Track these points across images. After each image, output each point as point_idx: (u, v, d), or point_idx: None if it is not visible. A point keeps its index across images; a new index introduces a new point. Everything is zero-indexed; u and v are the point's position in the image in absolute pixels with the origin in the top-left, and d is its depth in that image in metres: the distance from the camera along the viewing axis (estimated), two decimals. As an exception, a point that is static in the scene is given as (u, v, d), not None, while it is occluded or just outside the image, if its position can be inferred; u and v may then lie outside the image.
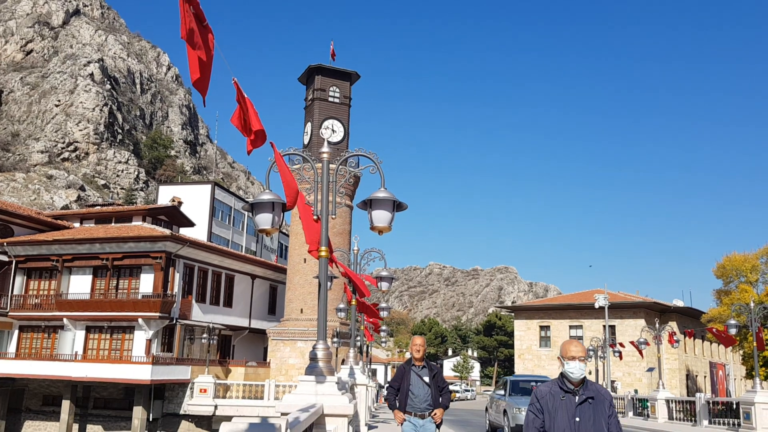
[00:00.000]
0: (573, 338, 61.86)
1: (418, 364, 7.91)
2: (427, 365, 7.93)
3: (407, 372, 7.90)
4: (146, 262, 36.80)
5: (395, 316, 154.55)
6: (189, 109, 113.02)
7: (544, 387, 4.96)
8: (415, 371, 7.86)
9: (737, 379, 62.53)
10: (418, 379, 7.80)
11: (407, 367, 7.96)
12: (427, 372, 7.86)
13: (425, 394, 7.76)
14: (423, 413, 7.73)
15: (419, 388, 7.78)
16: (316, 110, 44.58)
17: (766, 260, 35.84)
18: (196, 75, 4.11)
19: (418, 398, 7.75)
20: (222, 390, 35.65)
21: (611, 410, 4.79)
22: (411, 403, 7.75)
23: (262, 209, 7.48)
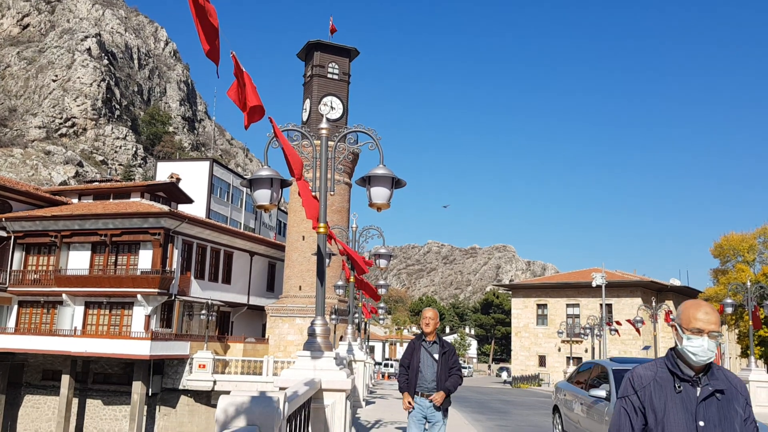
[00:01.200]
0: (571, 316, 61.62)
1: (429, 339, 7.48)
2: (438, 341, 7.47)
3: (417, 348, 7.48)
4: (145, 238, 36.83)
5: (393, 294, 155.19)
6: (187, 85, 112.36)
7: (644, 371, 3.27)
8: (425, 347, 7.43)
9: (732, 358, 63.02)
10: (427, 356, 7.37)
11: (417, 343, 7.54)
12: (438, 348, 7.41)
13: (433, 373, 7.33)
14: (430, 393, 7.32)
15: (428, 365, 7.35)
16: (314, 87, 44.32)
17: (763, 240, 35.97)
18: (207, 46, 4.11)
19: (427, 376, 7.35)
20: (221, 366, 35.90)
21: (748, 411, 3.15)
22: (419, 382, 7.37)
23: (261, 185, 7.47)
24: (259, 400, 3.88)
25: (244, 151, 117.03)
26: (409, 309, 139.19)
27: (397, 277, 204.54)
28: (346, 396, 7.83)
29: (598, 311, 49.11)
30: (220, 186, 58.26)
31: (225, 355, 38.58)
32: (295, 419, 5.75)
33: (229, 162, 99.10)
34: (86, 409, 35.52)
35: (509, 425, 17.11)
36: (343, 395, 7.64)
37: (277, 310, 42.50)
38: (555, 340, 56.08)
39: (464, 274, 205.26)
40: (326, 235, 8.13)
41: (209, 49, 4.12)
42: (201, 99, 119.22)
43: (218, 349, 38.82)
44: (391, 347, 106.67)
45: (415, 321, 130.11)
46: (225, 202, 59.04)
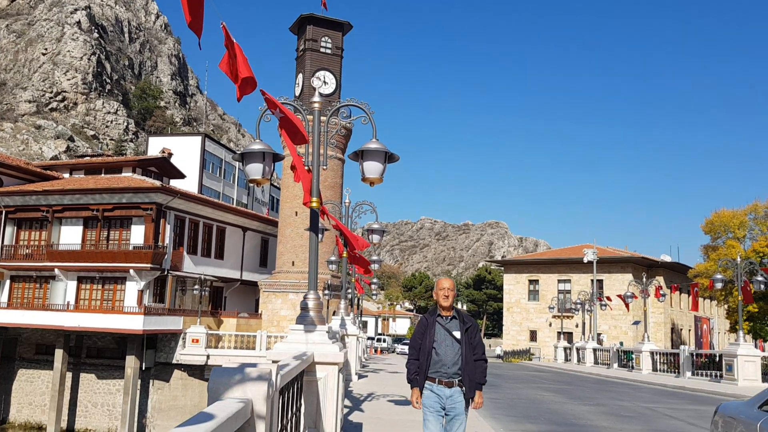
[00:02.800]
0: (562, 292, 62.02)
1: (446, 314, 6.03)
2: (457, 315, 6.03)
3: (431, 325, 6.00)
4: (137, 213, 36.72)
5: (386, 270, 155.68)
6: (178, 59, 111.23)
7: None
8: (442, 324, 5.98)
9: (721, 333, 63.76)
10: (445, 335, 5.94)
11: (430, 319, 6.05)
12: (458, 325, 5.95)
13: (454, 355, 5.85)
14: (451, 380, 5.84)
15: (446, 346, 5.90)
16: (307, 61, 43.95)
17: (754, 216, 36.15)
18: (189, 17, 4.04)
19: (445, 360, 5.87)
20: (214, 340, 36.06)
21: None
22: (435, 367, 5.89)
23: (253, 159, 7.45)
24: (251, 372, 3.89)
25: (236, 126, 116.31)
26: (402, 285, 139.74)
27: (390, 253, 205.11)
28: (339, 369, 7.88)
29: (589, 287, 49.43)
30: (212, 161, 57.99)
31: (218, 329, 38.73)
32: (288, 391, 5.79)
33: (221, 137, 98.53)
34: (80, 383, 35.68)
35: (500, 398, 17.31)
36: (335, 368, 7.69)
37: (270, 286, 42.60)
38: (546, 316, 56.52)
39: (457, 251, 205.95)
40: (319, 209, 8.12)
41: (191, 21, 4.06)
42: (192, 73, 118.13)
43: (211, 324, 38.96)
44: (383, 322, 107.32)
45: (408, 296, 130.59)
46: (217, 177, 58.82)
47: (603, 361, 37.64)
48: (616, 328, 53.18)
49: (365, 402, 13.56)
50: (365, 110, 8.51)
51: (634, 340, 48.52)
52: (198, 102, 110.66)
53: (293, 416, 6.27)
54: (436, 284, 6.20)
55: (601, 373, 32.54)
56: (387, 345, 71.53)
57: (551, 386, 22.98)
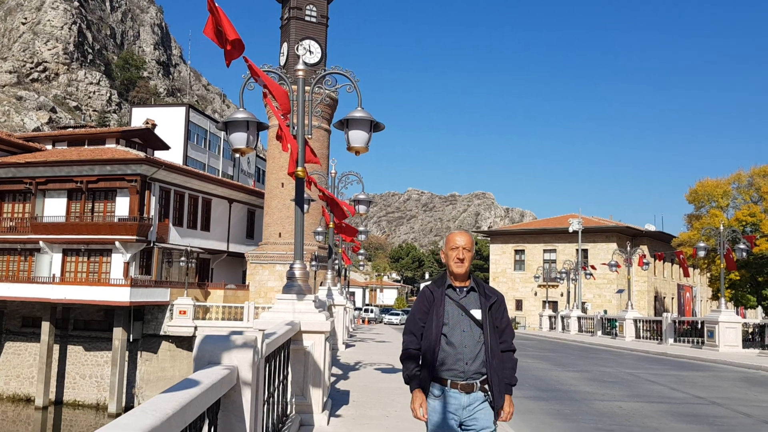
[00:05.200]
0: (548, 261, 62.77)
1: (460, 285, 4.05)
2: (476, 287, 4.07)
3: (438, 300, 4.00)
4: (121, 185, 36.44)
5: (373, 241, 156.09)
6: (161, 29, 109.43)
7: None
8: (454, 298, 4.00)
9: (703, 301, 64.71)
10: (460, 315, 3.96)
11: (438, 292, 4.04)
12: (477, 299, 4.01)
13: (475, 344, 3.93)
14: (470, 381, 3.91)
15: (463, 331, 3.93)
16: (292, 30, 43.39)
17: (737, 186, 36.43)
18: None
19: (462, 352, 3.91)
20: (201, 312, 36.12)
21: None
22: (447, 363, 3.92)
23: (237, 128, 7.39)
24: (236, 339, 3.91)
25: (221, 96, 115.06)
26: (389, 256, 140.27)
27: (377, 225, 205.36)
28: (326, 338, 7.93)
29: (574, 256, 49.87)
30: (197, 132, 57.44)
31: (205, 301, 38.77)
32: (275, 359, 5.83)
33: (205, 108, 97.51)
34: (67, 355, 35.70)
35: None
36: (322, 337, 7.74)
37: (257, 257, 42.60)
38: (532, 285, 57.02)
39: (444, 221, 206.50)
40: (304, 178, 8.09)
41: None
42: (176, 43, 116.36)
43: (198, 295, 38.99)
44: (371, 293, 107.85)
45: (395, 267, 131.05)
46: (202, 148, 58.33)
47: (587, 329, 38.15)
48: (601, 297, 53.81)
49: (352, 370, 13.69)
50: (350, 78, 8.44)
51: (618, 308, 49.14)
52: (182, 72, 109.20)
53: (280, 384, 6.33)
54: (446, 241, 4.17)
55: (586, 340, 32.99)
56: (374, 315, 72.05)
57: (536, 354, 23.29)
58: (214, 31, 5.33)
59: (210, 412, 3.24)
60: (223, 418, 3.64)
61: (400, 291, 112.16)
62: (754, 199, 35.19)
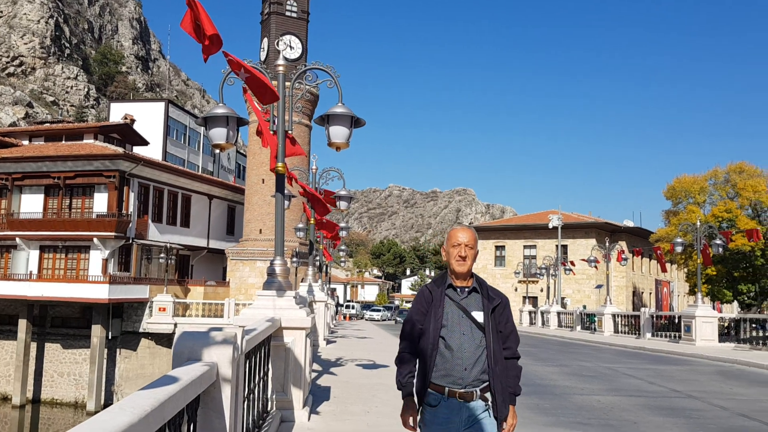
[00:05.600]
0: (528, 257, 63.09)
1: (461, 285, 3.74)
2: (478, 288, 3.76)
3: (438, 301, 3.69)
4: (99, 181, 36.07)
5: (354, 238, 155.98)
6: (140, 23, 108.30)
7: None
8: (455, 299, 3.69)
9: (680, 296, 65.50)
10: (460, 317, 3.65)
11: (437, 291, 3.74)
12: (479, 301, 3.71)
13: (475, 349, 3.59)
14: (470, 390, 3.56)
15: (462, 334, 3.61)
16: (272, 25, 43.16)
17: (714, 182, 36.90)
18: None
19: (461, 357, 3.58)
20: (181, 309, 35.88)
21: None
22: (445, 368, 3.58)
23: (216, 123, 7.34)
24: (216, 336, 3.89)
25: (200, 92, 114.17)
26: (370, 252, 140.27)
27: (358, 221, 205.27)
28: (306, 334, 7.93)
29: (554, 252, 50.21)
30: (176, 128, 56.95)
31: (185, 298, 38.52)
32: (255, 356, 5.81)
33: (185, 103, 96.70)
34: (45, 352, 35.28)
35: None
36: (303, 333, 7.73)
37: (237, 254, 42.39)
38: (512, 281, 57.34)
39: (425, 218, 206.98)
40: (285, 174, 8.06)
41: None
42: (155, 37, 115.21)
43: (178, 292, 38.72)
44: (352, 289, 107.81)
45: (376, 264, 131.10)
46: (182, 144, 57.85)
47: (567, 324, 38.46)
48: (580, 292, 54.25)
49: (333, 367, 13.69)
50: (330, 74, 8.42)
51: (597, 304, 49.59)
52: (161, 67, 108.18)
53: (260, 380, 6.31)
54: (447, 237, 3.90)
55: (565, 335, 33.27)
56: (356, 311, 72.07)
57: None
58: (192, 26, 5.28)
59: (189, 409, 3.23)
60: (202, 415, 3.62)
61: (382, 287, 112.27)
62: (730, 196, 35.68)
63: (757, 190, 33.61)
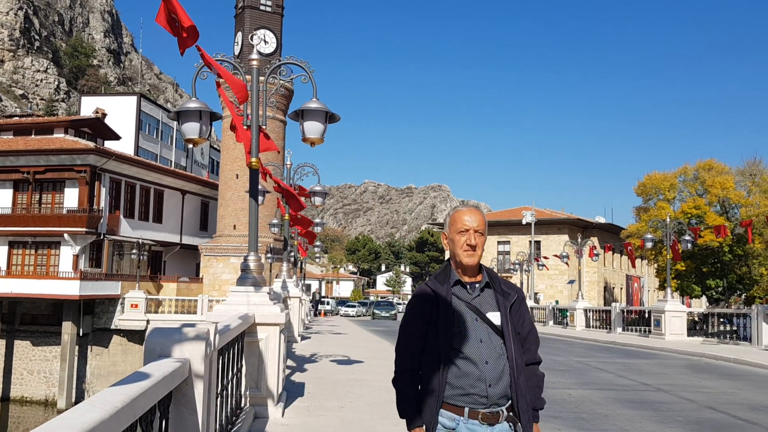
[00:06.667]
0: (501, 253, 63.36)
1: (471, 281, 3.03)
2: (491, 281, 3.05)
3: (444, 301, 2.95)
4: (70, 176, 35.55)
5: (329, 234, 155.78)
6: (112, 16, 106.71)
7: None
8: (465, 299, 2.98)
9: (650, 291, 66.49)
10: (474, 321, 2.94)
11: (442, 289, 2.99)
12: (494, 299, 3.01)
13: (497, 358, 2.90)
14: (495, 410, 2.87)
15: (480, 343, 2.90)
16: (246, 19, 42.82)
17: (683, 179, 37.47)
18: None
19: (484, 371, 2.86)
20: (154, 305, 35.55)
21: None
22: (462, 385, 2.85)
23: (189, 118, 7.28)
24: (188, 332, 3.87)
25: (173, 86, 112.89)
26: (345, 248, 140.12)
27: (333, 217, 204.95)
28: (281, 330, 7.92)
29: (527, 248, 50.63)
30: (148, 122, 56.27)
31: (158, 294, 38.16)
32: (228, 352, 5.79)
33: (158, 97, 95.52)
34: (14, 350, 34.70)
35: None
36: (277, 329, 7.72)
37: (211, 250, 42.08)
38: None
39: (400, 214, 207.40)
40: (259, 169, 8.04)
41: None
42: (127, 31, 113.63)
43: (151, 288, 38.35)
44: (327, 285, 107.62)
45: (351, 260, 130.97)
46: (154, 138, 57.19)
47: (539, 318, 38.83)
48: (553, 288, 54.82)
49: (308, 362, 13.68)
50: (305, 69, 8.40)
51: (569, 299, 50.14)
52: (133, 61, 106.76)
53: (234, 377, 6.30)
54: (450, 222, 3.04)
55: (538, 330, 33.50)
56: (331, 307, 72.01)
57: (490, 344, 23.58)
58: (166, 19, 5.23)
59: (161, 406, 3.21)
60: (175, 412, 3.61)
61: (357, 283, 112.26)
62: (699, 192, 36.28)
63: (725, 187, 34.22)
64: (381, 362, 14.18)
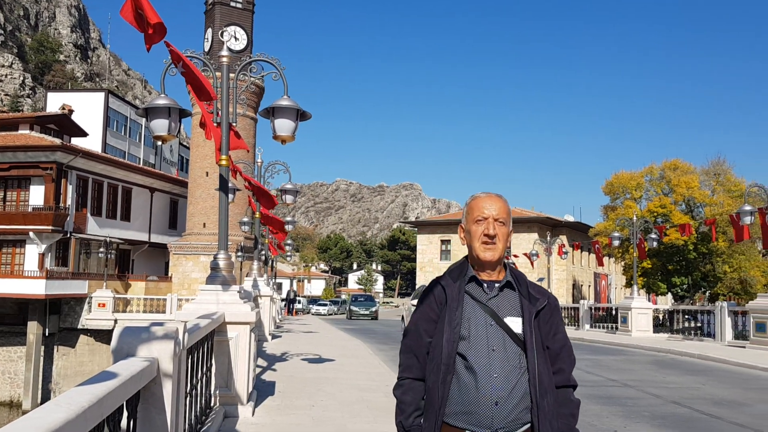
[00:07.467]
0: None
1: (489, 279, 2.55)
2: (515, 281, 2.56)
3: (455, 300, 2.48)
4: (36, 173, 34.93)
5: (301, 232, 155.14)
6: (78, 11, 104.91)
7: None
8: (480, 299, 2.49)
9: (618, 288, 67.46)
10: (487, 325, 2.43)
11: (452, 287, 2.53)
12: (517, 302, 2.49)
13: (510, 372, 2.36)
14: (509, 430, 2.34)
15: (492, 351, 2.38)
16: (217, 15, 42.42)
17: (650, 178, 37.99)
18: None
19: (490, 385, 2.33)
20: (122, 304, 35.09)
21: None
22: (464, 400, 2.35)
23: (158, 114, 7.20)
24: (157, 331, 3.84)
25: (142, 82, 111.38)
26: (317, 246, 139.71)
27: (305, 215, 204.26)
28: (251, 329, 7.88)
29: (498, 246, 50.94)
30: (116, 119, 55.44)
31: (126, 294, 37.66)
32: (198, 351, 5.76)
33: (126, 94, 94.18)
34: (-23, 351, 33.98)
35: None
36: (247, 328, 7.68)
37: (180, 248, 41.64)
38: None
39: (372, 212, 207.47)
40: (229, 167, 7.99)
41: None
42: (94, 26, 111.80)
43: (119, 287, 37.84)
44: (299, 284, 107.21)
45: (323, 258, 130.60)
46: (122, 136, 56.35)
47: (510, 316, 39.20)
48: (523, 286, 55.23)
49: (279, 361, 13.63)
50: (276, 66, 8.36)
51: (540, 297, 50.62)
52: (101, 56, 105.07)
53: (204, 376, 6.26)
54: (467, 210, 2.69)
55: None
56: (302, 306, 71.73)
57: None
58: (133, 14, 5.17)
59: (129, 405, 3.19)
60: (143, 411, 3.58)
61: (328, 281, 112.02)
62: (665, 191, 36.85)
63: (690, 186, 34.81)
64: (352, 360, 14.18)
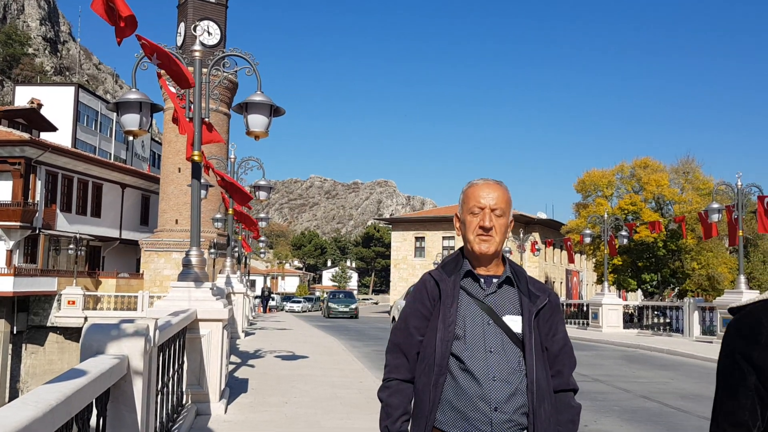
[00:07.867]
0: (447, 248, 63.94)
1: (486, 273, 2.32)
2: (514, 277, 2.33)
3: (449, 296, 2.26)
4: (3, 168, 34.28)
5: (275, 229, 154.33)
6: (48, 3, 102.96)
7: None
8: (476, 295, 2.28)
9: (589, 285, 68.28)
10: (485, 323, 2.23)
11: (447, 283, 2.29)
12: (516, 299, 2.29)
13: (509, 374, 2.17)
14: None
15: (489, 352, 2.18)
16: (190, 9, 41.96)
17: (621, 176, 38.49)
18: None
19: (488, 388, 2.14)
20: (92, 302, 34.62)
21: None
22: (458, 404, 2.16)
23: (129, 109, 7.12)
24: (127, 328, 3.80)
25: (113, 76, 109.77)
26: (291, 243, 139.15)
27: (279, 212, 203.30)
28: (224, 326, 7.83)
29: (472, 243, 51.23)
30: (87, 114, 54.60)
31: (96, 291, 37.17)
32: (169, 348, 5.70)
33: (97, 88, 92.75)
34: (-58, 350, 33.27)
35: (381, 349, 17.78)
36: (219, 325, 7.63)
37: (152, 245, 41.16)
38: (431, 271, 58.09)
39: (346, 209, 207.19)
40: (201, 162, 7.91)
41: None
42: (64, 19, 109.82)
43: (89, 284, 37.31)
44: (273, 281, 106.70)
45: (297, 255, 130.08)
46: (93, 131, 55.54)
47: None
48: (496, 282, 55.61)
49: (252, 358, 13.56)
50: (249, 61, 8.30)
51: (513, 293, 51.02)
52: (71, 50, 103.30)
53: (175, 373, 6.20)
54: (464, 199, 2.40)
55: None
56: (276, 303, 71.44)
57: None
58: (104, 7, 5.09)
59: (99, 403, 3.15)
60: (113, 409, 3.54)
61: (302, 278, 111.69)
62: (635, 189, 37.37)
63: (660, 184, 35.34)
64: (326, 357, 14.16)
